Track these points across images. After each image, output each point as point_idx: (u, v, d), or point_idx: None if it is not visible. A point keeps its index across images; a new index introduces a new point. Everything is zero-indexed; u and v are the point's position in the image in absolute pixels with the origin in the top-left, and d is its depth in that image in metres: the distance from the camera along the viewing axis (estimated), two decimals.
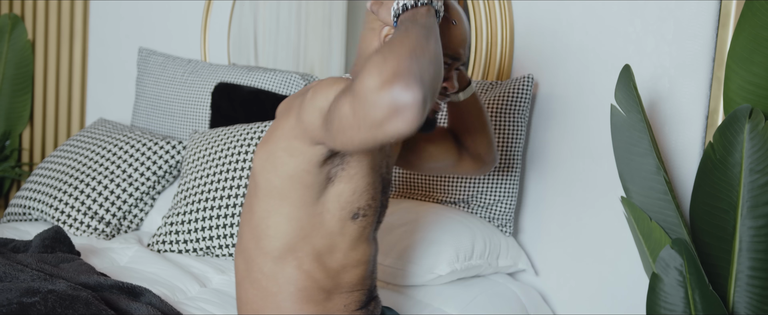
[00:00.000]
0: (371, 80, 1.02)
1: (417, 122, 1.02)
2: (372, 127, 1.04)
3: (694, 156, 1.77)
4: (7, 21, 3.28)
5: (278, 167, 1.29)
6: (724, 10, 1.69)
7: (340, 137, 1.10)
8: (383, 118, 1.02)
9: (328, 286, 1.35)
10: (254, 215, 1.35)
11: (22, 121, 3.34)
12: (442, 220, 1.92)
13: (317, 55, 2.90)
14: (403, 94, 1.00)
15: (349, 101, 1.06)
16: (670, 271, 1.58)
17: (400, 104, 1.00)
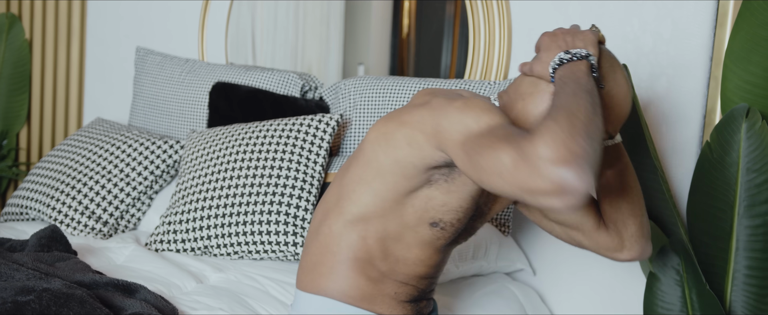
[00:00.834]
0: (546, 150, 1.03)
1: (576, 207, 1.04)
2: (527, 191, 1.06)
3: (692, 155, 1.77)
4: (4, 20, 3.27)
5: (390, 148, 1.30)
6: (721, 9, 1.69)
7: (483, 176, 1.14)
8: (544, 191, 1.04)
9: (384, 268, 1.37)
10: (347, 175, 1.38)
11: (19, 121, 3.34)
12: None
13: (315, 54, 2.90)
14: (575, 179, 1.02)
15: (513, 155, 1.07)
16: (667, 270, 1.58)
17: (567, 187, 1.02)
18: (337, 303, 1.37)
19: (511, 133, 1.12)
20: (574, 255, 2.04)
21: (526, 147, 1.05)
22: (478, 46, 2.23)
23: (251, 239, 1.94)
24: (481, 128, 1.17)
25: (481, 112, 1.20)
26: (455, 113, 1.22)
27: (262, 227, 1.92)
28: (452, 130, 1.21)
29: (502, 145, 1.10)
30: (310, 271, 1.41)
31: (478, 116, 1.19)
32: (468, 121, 1.19)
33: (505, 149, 1.09)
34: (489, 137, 1.14)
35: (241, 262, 1.96)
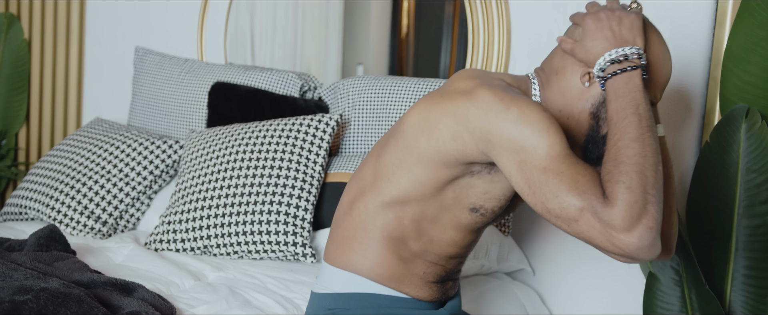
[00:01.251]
0: (621, 223, 1.09)
1: (636, 262, 1.11)
2: (591, 244, 1.13)
3: (691, 155, 1.77)
4: (3, 20, 3.27)
5: (433, 136, 1.28)
6: (720, 9, 1.69)
7: (540, 207, 1.17)
8: (611, 252, 1.11)
9: (416, 248, 1.36)
10: (385, 155, 1.35)
11: (18, 121, 3.33)
12: None
13: (314, 54, 2.90)
14: (646, 251, 1.09)
15: (584, 211, 1.11)
16: (667, 270, 1.58)
17: (637, 256, 1.10)
18: (364, 280, 1.36)
19: (578, 178, 1.13)
20: (574, 255, 2.04)
21: (600, 211, 1.10)
22: (477, 46, 2.23)
23: (251, 239, 1.94)
24: (541, 156, 1.16)
25: (540, 131, 1.17)
26: (510, 126, 1.19)
27: (261, 227, 1.92)
28: (506, 145, 1.20)
29: (572, 193, 1.13)
30: (341, 245, 1.39)
31: (538, 138, 1.17)
32: (526, 141, 1.18)
33: (574, 200, 1.12)
34: (554, 174, 1.15)
35: (240, 261, 1.96)
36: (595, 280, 2.00)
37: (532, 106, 1.20)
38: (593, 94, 1.27)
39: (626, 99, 1.18)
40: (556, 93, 1.30)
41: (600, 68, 1.22)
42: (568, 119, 1.30)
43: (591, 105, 1.28)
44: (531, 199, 1.19)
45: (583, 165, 1.16)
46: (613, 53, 1.21)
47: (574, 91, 1.28)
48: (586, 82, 1.26)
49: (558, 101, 1.30)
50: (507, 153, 1.20)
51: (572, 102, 1.29)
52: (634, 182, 1.10)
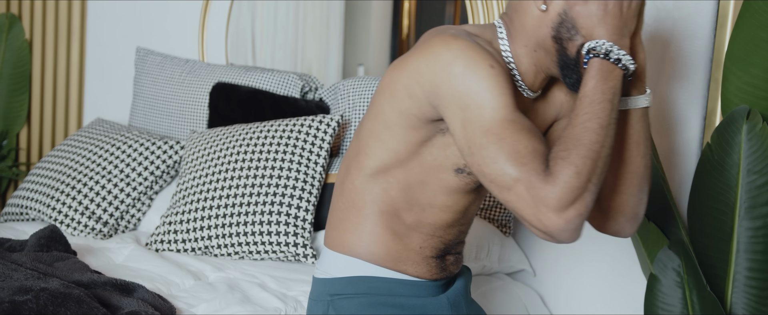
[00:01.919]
0: (555, 203, 1.08)
1: (554, 242, 1.11)
2: (517, 214, 1.12)
3: (692, 157, 1.77)
4: (4, 20, 3.27)
5: (393, 98, 1.25)
6: (721, 11, 1.69)
7: (476, 168, 1.15)
8: (534, 226, 1.10)
9: (409, 219, 1.32)
10: (362, 128, 1.33)
11: (19, 121, 3.33)
12: None
13: (315, 54, 2.90)
14: (569, 234, 1.10)
15: (519, 182, 1.10)
16: (668, 272, 1.58)
17: (558, 237, 1.10)
18: (361, 263, 1.34)
19: (520, 147, 1.11)
20: (575, 256, 2.04)
21: (537, 187, 1.08)
22: None
23: (252, 239, 1.94)
24: (485, 117, 1.14)
25: (486, 91, 1.14)
26: (457, 81, 1.16)
27: (262, 227, 1.92)
28: (452, 101, 1.17)
29: (511, 161, 1.10)
30: (337, 227, 1.37)
31: (484, 97, 1.14)
32: (472, 99, 1.15)
33: (511, 169, 1.10)
34: (496, 139, 1.12)
35: (241, 262, 1.96)
36: (596, 281, 1.99)
37: (482, 62, 1.16)
38: (551, 17, 1.23)
39: (608, 84, 1.16)
40: (519, 30, 1.27)
41: (595, 47, 1.18)
42: (536, 51, 1.26)
43: (551, 28, 1.23)
44: (469, 159, 1.16)
45: (527, 133, 1.13)
46: (611, 46, 1.17)
47: (534, 19, 1.24)
48: (542, 5, 1.23)
49: (523, 37, 1.26)
50: (453, 109, 1.17)
51: (534, 31, 1.25)
52: (584, 169, 1.09)
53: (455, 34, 1.22)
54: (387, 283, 1.33)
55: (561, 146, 1.12)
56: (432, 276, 1.36)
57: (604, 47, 1.18)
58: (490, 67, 1.16)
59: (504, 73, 1.17)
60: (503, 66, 1.20)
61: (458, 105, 1.16)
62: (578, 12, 1.21)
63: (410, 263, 1.34)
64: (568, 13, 1.22)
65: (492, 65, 1.16)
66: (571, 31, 1.22)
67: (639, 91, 1.27)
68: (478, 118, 1.15)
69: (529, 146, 1.12)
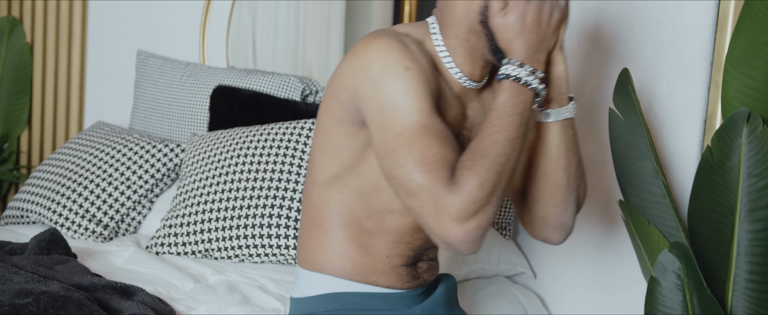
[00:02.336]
0: (457, 213, 1.07)
1: (453, 252, 1.12)
2: (419, 221, 1.12)
3: (693, 160, 1.77)
4: (5, 23, 3.27)
5: (329, 108, 1.25)
6: (722, 14, 1.69)
7: (386, 171, 1.15)
8: (432, 232, 1.10)
9: (371, 227, 1.30)
10: (313, 142, 1.33)
11: (20, 124, 3.34)
12: None
13: (316, 57, 2.90)
14: (467, 246, 1.10)
15: (424, 191, 1.09)
16: (669, 274, 1.58)
17: (456, 247, 1.10)
18: (332, 279, 1.32)
19: (429, 154, 1.11)
20: (575, 259, 2.04)
21: (441, 195, 1.08)
22: None
23: (252, 242, 1.94)
24: (398, 121, 1.13)
25: (400, 95, 1.14)
26: (373, 84, 1.16)
27: (262, 230, 1.92)
28: (370, 103, 1.17)
29: (418, 167, 1.10)
30: (304, 245, 1.36)
31: (398, 101, 1.14)
32: (386, 102, 1.14)
33: (418, 176, 1.10)
34: (407, 143, 1.12)
35: (241, 265, 1.96)
36: (596, 284, 1.99)
37: (397, 64, 1.15)
38: (476, 2, 1.22)
39: (519, 98, 1.16)
40: (449, 21, 1.26)
41: (506, 72, 1.18)
42: (467, 40, 1.25)
43: (477, 13, 1.23)
44: (381, 162, 1.16)
45: (439, 140, 1.13)
46: (522, 70, 1.17)
47: (461, 7, 1.24)
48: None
49: (454, 28, 1.26)
50: (370, 111, 1.17)
51: (463, 19, 1.24)
52: (488, 181, 1.08)
53: (379, 34, 1.21)
54: (360, 298, 1.31)
55: (468, 156, 1.12)
56: (404, 285, 1.33)
57: (514, 72, 1.17)
58: (405, 69, 1.15)
59: (421, 75, 1.17)
60: (423, 66, 1.19)
61: (375, 107, 1.16)
62: (497, 24, 1.20)
63: (380, 274, 1.31)
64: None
65: (407, 67, 1.15)
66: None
67: (560, 103, 1.26)
68: (392, 121, 1.14)
69: (438, 154, 1.11)
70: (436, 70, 1.25)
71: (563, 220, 1.32)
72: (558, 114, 1.26)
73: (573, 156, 1.29)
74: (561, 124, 1.26)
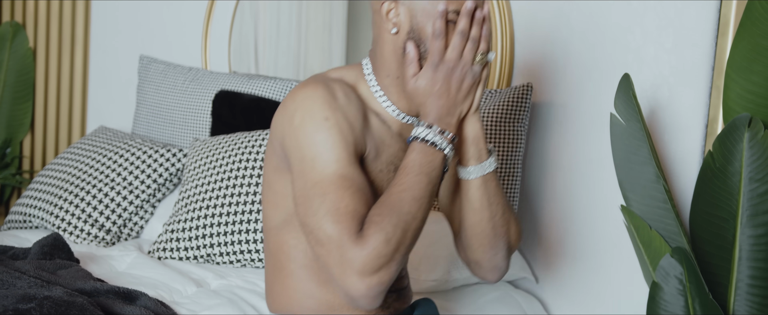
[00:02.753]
0: (360, 264, 1.09)
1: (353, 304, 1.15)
2: (326, 270, 1.14)
3: (694, 164, 1.77)
4: (8, 29, 3.28)
5: (268, 157, 1.29)
6: (723, 18, 1.69)
7: (300, 217, 1.17)
8: (338, 284, 1.12)
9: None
10: (262, 191, 1.36)
11: (23, 129, 3.35)
12: (444, 228, 1.92)
13: (317, 61, 2.91)
14: (368, 302, 1.12)
15: (332, 242, 1.11)
16: (670, 279, 1.58)
17: (358, 301, 1.12)
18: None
19: (341, 206, 1.13)
20: (577, 264, 2.04)
21: (346, 247, 1.10)
22: None
23: (254, 247, 1.94)
24: (316, 170, 1.16)
25: (319, 144, 1.17)
26: (295, 133, 1.19)
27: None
28: (293, 152, 1.20)
29: (329, 218, 1.12)
30: (270, 291, 1.39)
31: (317, 151, 1.17)
32: (306, 151, 1.18)
33: (328, 226, 1.12)
34: (321, 193, 1.15)
35: (243, 269, 1.96)
36: (598, 288, 1.99)
37: (318, 114, 1.18)
38: (402, 37, 1.25)
39: (427, 158, 1.19)
40: (381, 61, 1.29)
41: (416, 135, 1.22)
42: (398, 78, 1.28)
43: (401, 48, 1.26)
44: (297, 208, 1.19)
45: (353, 193, 1.15)
46: (432, 133, 1.20)
47: (390, 45, 1.27)
48: (392, 29, 1.25)
49: (385, 67, 1.29)
50: (293, 159, 1.20)
51: (393, 56, 1.27)
52: (394, 237, 1.11)
53: (307, 83, 1.24)
54: None
55: (376, 211, 1.14)
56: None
57: (423, 134, 1.20)
58: (325, 119, 1.18)
59: (342, 125, 1.19)
60: (348, 114, 1.21)
61: (296, 156, 1.19)
62: (410, 89, 1.24)
63: (346, 308, 1.33)
64: (415, 30, 1.24)
65: (327, 117, 1.18)
66: (422, 47, 1.24)
67: (478, 160, 1.29)
68: (310, 170, 1.17)
69: (349, 205, 1.14)
70: (370, 112, 1.28)
71: (495, 264, 1.36)
72: (477, 171, 1.29)
73: (497, 207, 1.32)
74: (482, 179, 1.30)
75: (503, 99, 2.03)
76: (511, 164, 2.04)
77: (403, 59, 1.26)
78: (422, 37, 1.24)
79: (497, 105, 2.03)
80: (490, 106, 2.04)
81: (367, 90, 1.30)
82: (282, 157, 1.26)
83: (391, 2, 1.25)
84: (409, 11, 1.24)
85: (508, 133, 2.02)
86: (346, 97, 1.24)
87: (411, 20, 1.24)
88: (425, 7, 1.22)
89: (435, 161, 1.20)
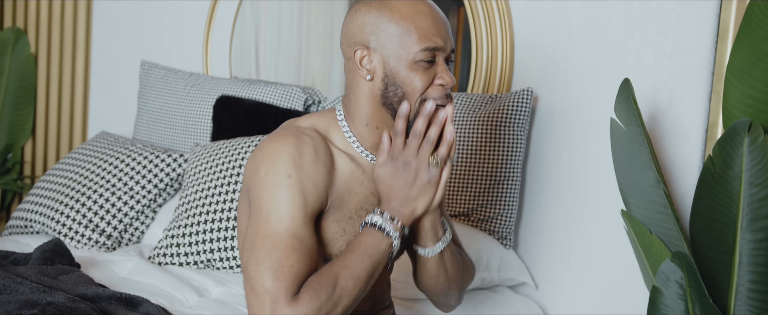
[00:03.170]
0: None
1: None
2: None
3: (694, 169, 1.77)
4: (10, 34, 3.29)
5: (240, 206, 1.32)
6: (722, 24, 1.70)
7: (242, 263, 1.20)
8: None
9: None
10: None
11: (24, 134, 3.35)
12: None
13: (318, 67, 2.91)
14: None
15: (266, 292, 1.14)
16: (671, 284, 1.58)
17: None
18: None
19: (285, 264, 1.16)
20: (577, 269, 2.04)
21: (280, 305, 1.14)
22: (480, 59, 2.24)
23: None
24: (269, 223, 1.19)
25: (278, 200, 1.20)
26: (258, 184, 1.22)
27: None
28: (254, 201, 1.23)
29: (270, 272, 1.15)
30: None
31: (274, 206, 1.19)
32: (263, 203, 1.20)
33: (267, 280, 1.15)
34: (269, 247, 1.17)
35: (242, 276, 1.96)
36: (598, 294, 1.99)
37: (281, 170, 1.21)
38: (377, 84, 1.28)
39: (373, 240, 1.22)
40: (355, 108, 1.31)
41: (375, 211, 1.25)
42: (378, 128, 1.31)
43: (380, 96, 1.28)
44: (241, 254, 1.23)
45: (300, 254, 1.18)
46: (385, 221, 1.23)
47: (365, 92, 1.29)
48: (367, 75, 1.28)
49: (359, 114, 1.31)
50: (253, 208, 1.23)
51: (371, 104, 1.30)
52: (325, 307, 1.15)
53: (277, 136, 1.27)
54: None
55: (317, 278, 1.18)
56: None
57: (376, 220, 1.24)
58: (287, 176, 1.21)
59: (304, 183, 1.22)
60: (311, 170, 1.24)
61: (255, 205, 1.22)
62: (375, 175, 1.28)
63: None
64: (389, 75, 1.26)
65: (289, 175, 1.21)
66: (398, 92, 1.27)
67: (434, 242, 1.33)
68: (264, 221, 1.20)
69: (293, 266, 1.17)
70: (342, 156, 1.31)
71: (449, 302, 1.46)
72: (433, 251, 1.34)
73: (452, 268, 1.39)
74: (436, 257, 1.35)
75: (503, 103, 2.03)
76: (510, 169, 2.04)
77: (378, 108, 1.29)
78: (396, 81, 1.27)
79: (497, 109, 2.03)
80: (490, 111, 2.05)
81: (340, 136, 1.33)
82: (248, 202, 1.29)
83: (363, 50, 1.28)
84: (381, 57, 1.27)
85: (508, 138, 2.02)
86: (315, 151, 1.27)
87: (384, 66, 1.27)
88: (397, 52, 1.25)
89: (381, 245, 1.23)
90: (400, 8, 1.26)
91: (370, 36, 1.26)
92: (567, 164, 2.05)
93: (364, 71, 1.28)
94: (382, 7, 1.26)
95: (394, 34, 1.25)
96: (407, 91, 1.26)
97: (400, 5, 1.26)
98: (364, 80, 1.29)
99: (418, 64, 1.25)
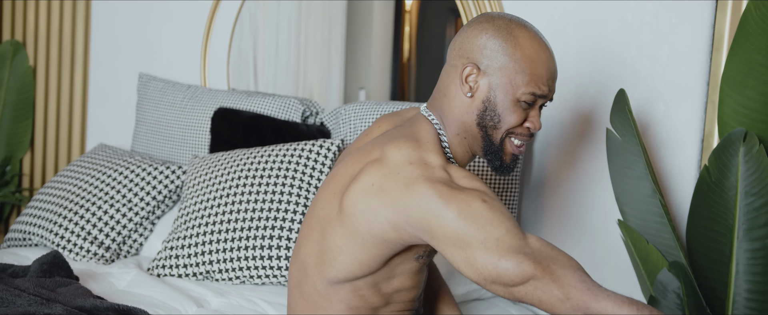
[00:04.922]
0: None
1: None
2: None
3: (690, 179, 1.78)
4: (9, 47, 3.30)
5: (374, 227, 1.26)
6: (717, 34, 1.71)
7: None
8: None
9: (378, 304, 1.37)
10: (327, 240, 1.32)
11: (22, 147, 3.35)
12: None
13: (316, 79, 2.92)
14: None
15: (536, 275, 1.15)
16: (668, 294, 1.58)
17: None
18: None
19: (517, 247, 1.17)
20: None
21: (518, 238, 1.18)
22: None
23: (253, 264, 1.94)
24: (489, 248, 1.17)
25: (485, 227, 1.17)
26: (452, 224, 1.18)
27: (263, 252, 1.93)
28: (449, 242, 1.20)
29: (539, 276, 1.16)
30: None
31: (484, 234, 1.17)
32: (471, 238, 1.18)
33: (551, 286, 1.15)
34: (499, 256, 1.17)
35: (242, 286, 1.96)
36: None
37: (474, 200, 1.19)
38: (476, 104, 1.29)
39: None
40: (449, 117, 1.33)
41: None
42: (466, 139, 1.33)
43: (476, 116, 1.30)
44: (461, 267, 1.21)
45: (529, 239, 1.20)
46: None
47: (462, 105, 1.31)
48: (468, 93, 1.29)
49: (453, 124, 1.33)
50: (451, 248, 1.20)
51: (462, 117, 1.31)
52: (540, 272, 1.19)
53: (420, 162, 1.24)
54: None
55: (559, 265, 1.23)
56: None
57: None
58: (486, 200, 1.20)
59: (497, 201, 1.23)
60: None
61: (457, 245, 1.19)
62: None
63: None
64: (491, 100, 1.28)
65: (487, 197, 1.21)
66: (495, 119, 1.29)
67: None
68: (482, 252, 1.18)
69: (519, 243, 1.21)
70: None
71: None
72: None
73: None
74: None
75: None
76: (508, 180, 2.04)
77: (471, 125, 1.31)
78: (496, 110, 1.28)
79: None
80: None
81: (439, 146, 1.32)
82: (410, 236, 1.24)
83: (473, 68, 1.28)
84: (489, 83, 1.28)
85: None
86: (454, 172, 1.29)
87: (489, 91, 1.28)
88: (505, 85, 1.27)
89: None
90: (525, 47, 1.27)
91: (484, 59, 1.28)
92: (564, 174, 2.05)
93: (466, 87, 1.29)
94: (508, 38, 1.27)
95: (509, 68, 1.27)
96: (502, 121, 1.29)
97: (526, 43, 1.27)
98: (463, 95, 1.30)
99: (520, 103, 1.28)
